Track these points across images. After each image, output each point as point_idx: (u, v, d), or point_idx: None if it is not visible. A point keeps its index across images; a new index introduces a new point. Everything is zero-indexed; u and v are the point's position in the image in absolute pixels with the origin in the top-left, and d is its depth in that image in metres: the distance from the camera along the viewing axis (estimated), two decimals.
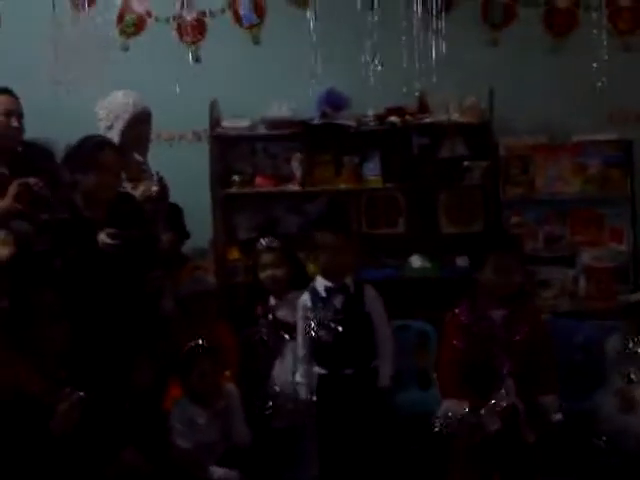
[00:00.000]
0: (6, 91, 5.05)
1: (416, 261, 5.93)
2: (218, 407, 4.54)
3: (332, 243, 4.64)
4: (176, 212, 5.31)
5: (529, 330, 4.21)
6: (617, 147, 5.91)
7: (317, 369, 4.61)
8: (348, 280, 4.68)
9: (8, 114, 4.97)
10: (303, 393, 4.56)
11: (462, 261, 5.82)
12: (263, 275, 4.98)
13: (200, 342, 4.61)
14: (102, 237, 4.41)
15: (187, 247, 5.53)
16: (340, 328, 4.50)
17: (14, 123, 4.98)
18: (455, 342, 4.28)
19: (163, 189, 5.08)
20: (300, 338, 4.66)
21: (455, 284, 5.48)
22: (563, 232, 5.89)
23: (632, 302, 5.13)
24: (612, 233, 5.85)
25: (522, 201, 5.91)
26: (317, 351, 4.58)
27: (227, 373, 4.83)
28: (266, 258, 5.00)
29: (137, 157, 5.06)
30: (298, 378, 4.61)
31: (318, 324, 4.52)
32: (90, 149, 4.55)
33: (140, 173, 5.07)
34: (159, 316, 4.97)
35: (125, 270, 4.49)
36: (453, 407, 4.16)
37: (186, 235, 5.40)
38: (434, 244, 6.04)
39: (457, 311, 4.36)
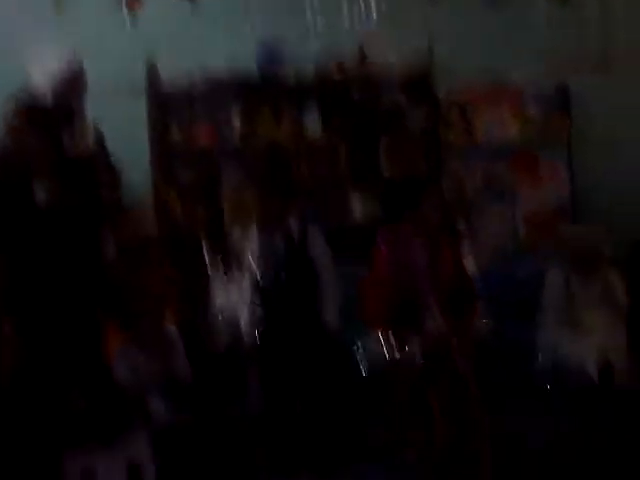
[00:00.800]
0: None
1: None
2: (160, 348, 4.53)
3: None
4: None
5: (451, 259, 4.30)
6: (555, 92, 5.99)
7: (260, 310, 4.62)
8: (292, 225, 4.69)
9: None
10: (248, 330, 4.58)
11: None
12: None
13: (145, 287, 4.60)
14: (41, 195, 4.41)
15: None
16: (284, 273, 4.51)
17: None
18: (381, 273, 4.31)
19: (99, 138, 5.10)
20: (246, 279, 4.67)
21: None
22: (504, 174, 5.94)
23: (571, 236, 5.20)
24: (551, 176, 5.92)
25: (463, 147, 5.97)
26: (262, 293, 4.61)
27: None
28: None
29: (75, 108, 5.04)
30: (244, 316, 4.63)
31: (262, 269, 4.52)
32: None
33: (78, 125, 5.06)
34: (102, 264, 4.97)
35: (67, 226, 4.51)
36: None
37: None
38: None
39: (381, 244, 4.39)
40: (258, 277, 4.59)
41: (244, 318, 4.64)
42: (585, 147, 6.00)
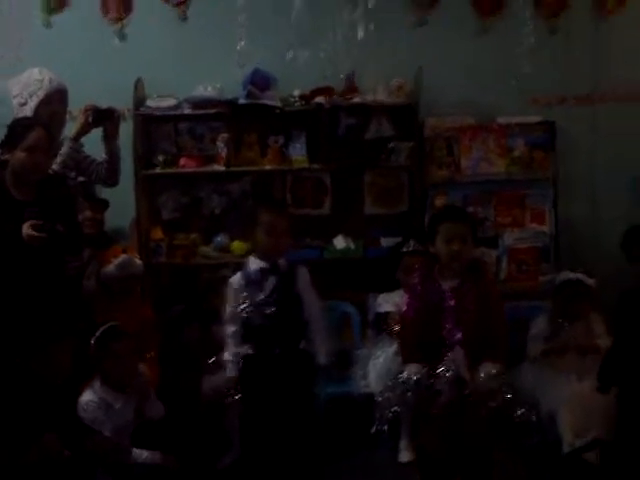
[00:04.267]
0: None
1: (340, 242, 5.91)
2: (132, 389, 4.52)
3: (275, 222, 4.55)
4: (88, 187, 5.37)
5: (479, 301, 4.17)
6: (541, 129, 5.94)
7: (245, 349, 4.52)
8: (281, 261, 4.62)
9: None
10: (230, 371, 4.49)
11: (387, 242, 5.82)
12: None
13: (113, 325, 4.57)
14: (26, 229, 4.34)
15: (109, 227, 5.50)
16: (272, 310, 4.45)
17: None
18: (408, 310, 4.31)
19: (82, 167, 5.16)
20: (228, 317, 4.54)
21: (379, 265, 5.55)
22: (487, 214, 5.90)
23: (557, 283, 5.22)
24: (534, 214, 5.89)
25: (447, 182, 5.89)
26: (247, 332, 4.51)
27: (150, 354, 4.82)
28: None
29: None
30: (226, 356, 4.53)
31: (251, 306, 4.47)
32: (20, 129, 4.54)
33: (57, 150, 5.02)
34: (81, 297, 4.94)
35: (48, 257, 4.46)
36: (412, 370, 4.16)
37: (105, 203, 5.46)
38: (358, 225, 6.05)
39: (414, 281, 4.35)
40: (246, 315, 4.48)
41: (227, 356, 4.54)
42: (570, 185, 6.02)
